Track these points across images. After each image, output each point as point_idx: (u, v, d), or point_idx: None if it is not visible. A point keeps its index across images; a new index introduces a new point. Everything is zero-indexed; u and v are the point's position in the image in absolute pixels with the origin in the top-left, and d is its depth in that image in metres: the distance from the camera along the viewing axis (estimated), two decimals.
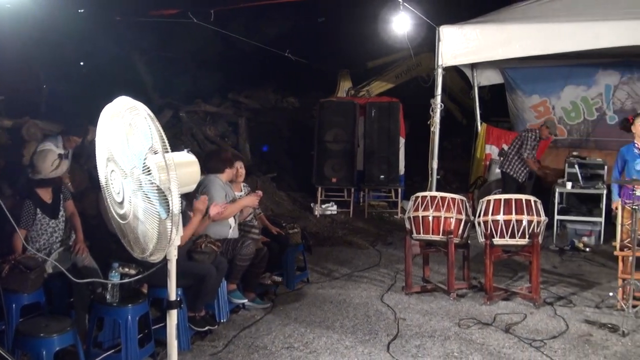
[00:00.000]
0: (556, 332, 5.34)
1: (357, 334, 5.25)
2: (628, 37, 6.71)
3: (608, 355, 4.88)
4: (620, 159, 6.47)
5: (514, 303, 6.14)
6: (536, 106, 11.21)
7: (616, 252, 6.02)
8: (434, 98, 7.23)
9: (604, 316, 5.79)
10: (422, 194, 6.45)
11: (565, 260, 8.08)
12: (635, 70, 10.52)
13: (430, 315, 5.74)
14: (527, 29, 7.04)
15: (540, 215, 6.09)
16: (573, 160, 9.43)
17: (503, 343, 5.07)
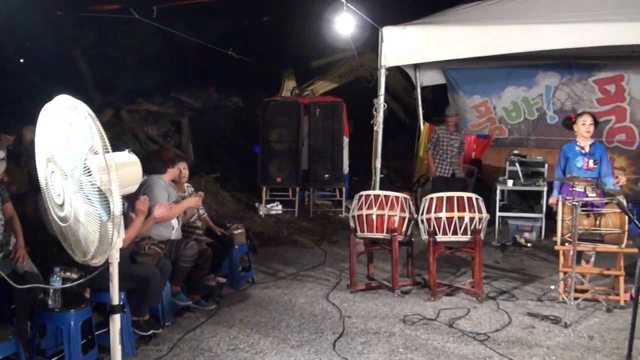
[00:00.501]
0: (499, 326, 5.47)
1: (303, 333, 5.26)
2: (567, 39, 6.91)
3: (551, 346, 5.02)
4: (562, 156, 6.64)
5: (458, 298, 6.26)
6: (477, 106, 11.43)
7: (557, 247, 6.19)
8: (377, 98, 7.28)
9: (546, 309, 5.96)
10: (366, 193, 6.51)
11: (507, 256, 8.28)
12: (574, 71, 10.84)
13: (375, 312, 5.80)
14: (469, 30, 7.16)
15: (482, 212, 6.23)
16: (514, 159, 9.65)
17: (447, 338, 5.16)
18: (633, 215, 4.31)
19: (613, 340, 5.17)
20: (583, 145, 6.52)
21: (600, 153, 6.51)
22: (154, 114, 12.19)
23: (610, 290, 6.39)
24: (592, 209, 6.20)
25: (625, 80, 10.74)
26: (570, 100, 11.01)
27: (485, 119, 11.44)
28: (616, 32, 6.75)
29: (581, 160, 6.44)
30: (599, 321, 5.63)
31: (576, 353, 4.89)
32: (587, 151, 6.47)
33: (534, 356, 4.81)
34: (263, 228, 9.53)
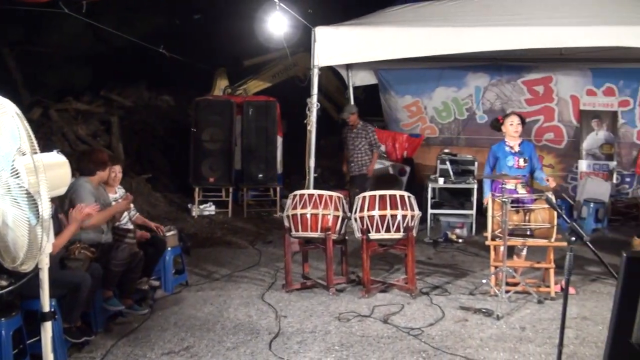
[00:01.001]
0: (433, 320, 5.57)
1: (239, 334, 5.22)
2: (497, 42, 7.12)
3: (484, 338, 5.15)
4: (492, 156, 6.80)
5: (392, 294, 6.34)
6: (409, 106, 11.63)
7: (488, 242, 6.37)
8: (310, 97, 7.31)
9: (478, 302, 6.10)
10: (300, 192, 6.53)
11: (440, 252, 8.43)
12: (503, 73, 11.22)
13: (310, 311, 5.81)
14: (400, 32, 7.26)
15: (414, 210, 6.32)
16: (445, 157, 9.85)
17: (382, 333, 5.22)
18: (561, 211, 4.46)
19: (545, 330, 5.36)
20: (512, 144, 6.69)
21: (530, 151, 6.71)
22: (84, 113, 11.85)
23: (541, 282, 6.63)
24: (522, 205, 6.39)
25: (554, 81, 11.18)
26: (500, 101, 11.36)
27: (416, 118, 11.64)
28: (545, 36, 7.00)
29: (512, 160, 6.61)
30: (531, 312, 5.82)
31: (509, 344, 5.03)
32: (517, 150, 6.65)
33: (468, 348, 4.92)
34: (196, 229, 9.41)
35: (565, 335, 4.59)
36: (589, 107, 11.21)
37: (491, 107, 11.42)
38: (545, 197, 4.73)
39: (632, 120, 11.20)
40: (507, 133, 6.71)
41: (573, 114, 11.32)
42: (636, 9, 7.41)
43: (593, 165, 11.12)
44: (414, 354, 4.79)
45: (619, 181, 11.24)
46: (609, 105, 11.17)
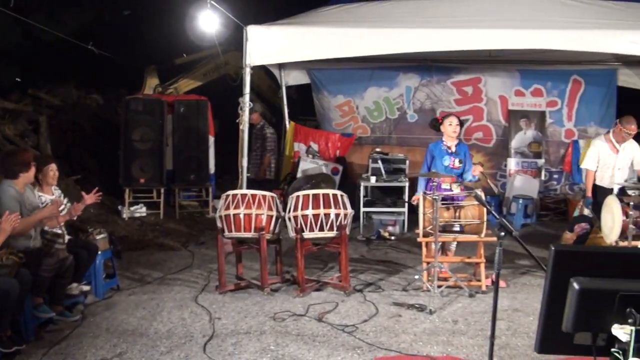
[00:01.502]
0: (367, 316, 5.61)
1: (173, 338, 5.12)
2: (426, 43, 7.23)
3: (417, 333, 5.22)
4: (429, 155, 6.88)
5: (326, 293, 6.35)
6: (341, 106, 11.70)
7: (420, 239, 6.47)
8: (243, 96, 7.26)
9: (411, 298, 6.19)
10: (233, 192, 6.46)
11: (373, 249, 8.51)
12: (433, 73, 11.47)
13: (245, 312, 5.75)
14: (332, 32, 7.28)
15: (346, 208, 6.36)
16: (376, 156, 9.96)
17: (317, 332, 5.21)
18: (490, 207, 4.56)
19: (477, 322, 5.49)
20: (449, 144, 6.80)
21: (465, 152, 6.84)
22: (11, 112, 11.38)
23: (472, 277, 6.79)
24: (452, 202, 6.52)
25: (482, 82, 11.51)
26: (430, 101, 11.59)
27: (348, 118, 11.72)
28: (474, 38, 7.17)
29: (448, 159, 6.72)
30: (462, 306, 5.95)
31: (442, 337, 5.12)
32: (453, 150, 6.76)
33: (402, 343, 4.97)
34: (127, 232, 9.17)
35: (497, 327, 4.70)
36: (517, 107, 11.60)
37: (421, 107, 11.63)
38: (474, 194, 4.83)
39: (559, 120, 11.67)
40: (446, 133, 6.81)
41: (501, 113, 11.67)
42: (563, 13, 7.68)
43: (522, 163, 11.48)
44: (349, 351, 4.80)
45: (547, 178, 11.67)
46: (537, 106, 11.59)
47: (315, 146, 11.24)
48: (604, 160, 7.37)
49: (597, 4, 7.97)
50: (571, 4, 7.92)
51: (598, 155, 7.39)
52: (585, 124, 11.61)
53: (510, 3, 7.92)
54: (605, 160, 7.36)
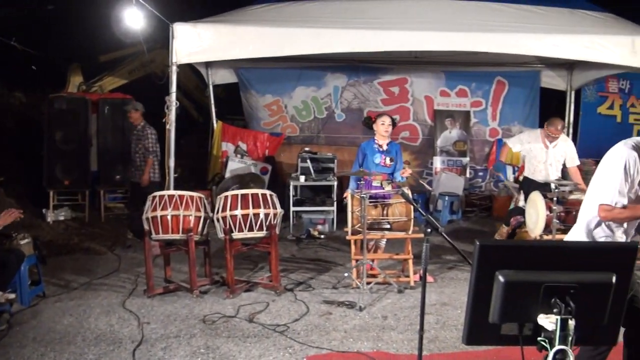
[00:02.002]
0: (298, 315, 5.61)
1: (101, 345, 4.97)
2: (354, 44, 7.29)
3: (348, 330, 5.26)
4: (360, 152, 6.95)
5: (257, 293, 6.31)
6: (269, 105, 11.67)
7: (348, 237, 6.53)
8: (169, 95, 7.14)
9: (341, 295, 6.24)
10: (160, 193, 6.33)
11: (303, 248, 8.52)
12: (361, 73, 11.62)
13: (174, 315, 5.65)
14: (260, 31, 7.25)
15: (276, 208, 6.34)
16: (305, 155, 10.00)
17: (248, 332, 5.18)
18: (417, 204, 4.64)
19: (406, 317, 5.58)
20: (381, 143, 6.89)
21: (396, 151, 6.95)
22: None
23: (401, 273, 6.90)
24: (380, 200, 6.60)
25: (409, 83, 11.75)
26: (357, 100, 11.72)
27: (277, 117, 11.71)
28: (400, 39, 7.30)
29: (379, 157, 6.81)
30: (392, 302, 6.03)
31: (372, 333, 5.18)
32: (385, 149, 6.86)
33: (333, 340, 5.00)
34: (52, 236, 8.85)
35: (426, 321, 4.79)
36: (443, 107, 11.89)
37: (349, 107, 11.75)
38: (401, 192, 4.91)
39: (484, 119, 12.05)
40: (378, 132, 6.90)
41: (427, 113, 11.93)
42: (488, 16, 7.91)
43: (447, 162, 11.77)
44: (281, 350, 4.80)
45: (472, 176, 12.00)
46: (461, 106, 11.93)
47: (244, 146, 11.16)
48: (534, 152, 7.66)
49: (521, 9, 8.27)
50: (496, 8, 8.17)
51: (528, 141, 7.71)
52: (509, 124, 12.01)
53: (436, 6, 8.10)
54: (535, 152, 7.65)
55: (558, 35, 7.56)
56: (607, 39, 7.64)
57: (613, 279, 2.10)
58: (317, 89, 11.69)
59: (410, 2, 8.15)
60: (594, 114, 12.32)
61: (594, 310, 2.12)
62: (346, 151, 11.00)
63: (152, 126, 8.65)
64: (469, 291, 2.12)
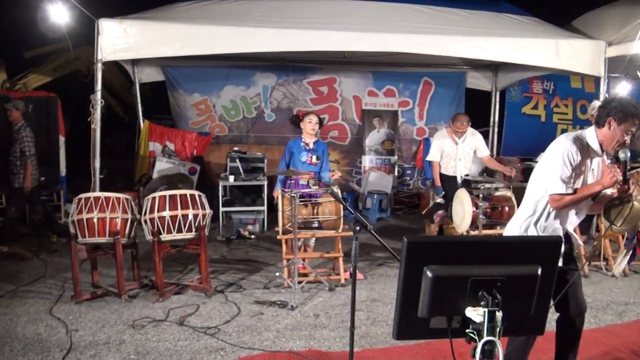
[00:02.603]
0: (229, 317, 5.56)
1: (29, 355, 4.77)
2: (282, 43, 7.29)
3: (280, 329, 5.26)
4: (287, 151, 6.98)
5: (187, 296, 6.23)
6: (197, 104, 11.53)
7: (279, 236, 6.53)
8: (94, 94, 6.96)
9: (273, 295, 6.23)
10: (86, 195, 6.15)
11: (233, 249, 8.46)
12: (290, 73, 11.65)
13: (103, 321, 5.49)
14: (187, 29, 7.17)
15: (205, 209, 6.26)
16: (234, 155, 9.93)
17: (179, 336, 5.10)
18: (346, 203, 4.67)
19: (337, 315, 5.63)
20: (308, 142, 6.94)
21: (323, 149, 7.01)
22: None
23: (331, 271, 6.96)
24: (310, 199, 6.63)
25: (337, 82, 11.86)
26: (287, 100, 11.74)
27: (205, 116, 11.58)
28: (329, 39, 7.35)
29: (305, 156, 6.85)
30: (323, 300, 6.08)
31: (304, 332, 5.20)
32: (311, 147, 6.92)
33: (265, 341, 4.98)
34: None
35: (357, 318, 4.85)
36: (371, 107, 12.05)
37: (278, 106, 11.75)
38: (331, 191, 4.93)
39: (411, 118, 12.30)
40: (305, 130, 6.94)
41: (356, 113, 12.04)
42: (415, 19, 8.07)
43: (376, 160, 11.93)
44: (212, 353, 4.75)
45: (400, 174, 12.22)
46: (389, 105, 12.13)
47: (172, 146, 10.98)
48: (447, 152, 7.93)
49: (448, 12, 8.49)
50: (423, 11, 8.36)
51: (442, 147, 7.91)
52: (435, 123, 12.27)
53: (364, 7, 8.21)
54: (447, 152, 7.92)
55: (483, 37, 7.80)
56: (531, 42, 7.93)
57: (538, 271, 2.17)
58: (246, 89, 11.63)
59: (339, 2, 8.23)
60: (519, 114, 12.77)
61: (520, 301, 2.18)
62: (276, 150, 10.98)
63: (28, 127, 8.25)
64: (398, 287, 2.16)
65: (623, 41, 8.03)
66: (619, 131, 3.56)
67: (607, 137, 3.62)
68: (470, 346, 2.15)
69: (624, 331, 5.35)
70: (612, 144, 3.61)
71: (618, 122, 3.56)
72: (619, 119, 3.55)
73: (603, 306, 6.17)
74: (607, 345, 5.05)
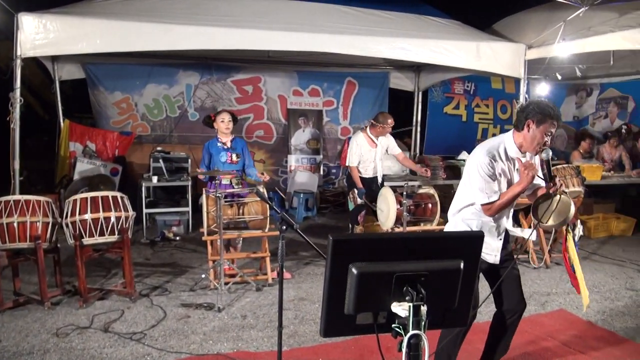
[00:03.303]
0: (155, 321, 5.48)
1: None
2: (205, 41, 7.21)
3: (207, 332, 5.22)
4: (205, 152, 6.91)
5: (111, 301, 6.09)
6: (119, 103, 11.26)
7: (204, 238, 6.46)
8: (13, 92, 6.71)
9: (199, 297, 6.17)
10: (5, 199, 5.92)
11: (157, 251, 8.33)
12: (214, 72, 11.54)
13: (26, 330, 5.30)
14: (109, 24, 6.97)
15: (128, 211, 6.14)
16: (158, 155, 9.76)
17: (104, 343, 4.98)
18: (272, 203, 4.68)
19: (265, 315, 5.64)
20: (224, 141, 6.88)
21: (242, 147, 6.97)
22: None
23: (258, 271, 6.94)
24: (235, 199, 6.61)
25: (262, 82, 11.85)
26: (210, 99, 11.63)
27: (127, 115, 11.32)
28: (253, 38, 7.31)
29: (225, 155, 6.80)
30: (250, 300, 6.07)
31: (232, 333, 5.18)
32: (229, 146, 6.86)
33: (192, 344, 4.94)
34: None
35: (285, 317, 4.87)
36: (296, 106, 12.09)
37: (202, 105, 11.62)
38: (256, 191, 4.94)
39: (336, 118, 12.44)
40: (219, 129, 6.89)
41: (281, 112, 12.06)
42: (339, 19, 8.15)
43: (301, 159, 11.99)
44: (139, 359, 4.67)
45: (326, 173, 12.33)
46: (314, 105, 12.20)
47: (93, 146, 10.68)
48: (366, 156, 7.93)
49: (371, 13, 8.61)
50: (346, 12, 8.44)
51: (360, 152, 7.91)
52: (359, 122, 12.44)
53: (288, 7, 8.23)
54: (366, 156, 7.93)
55: (406, 39, 7.95)
56: (452, 44, 8.14)
57: (461, 265, 2.24)
58: (168, 87, 11.44)
59: (263, 1, 8.21)
60: (441, 114, 13.13)
61: (444, 295, 2.24)
62: (200, 150, 10.77)
63: None
64: (325, 285, 2.18)
65: (542, 44, 8.36)
66: (538, 133, 3.72)
67: (526, 139, 3.78)
68: (396, 340, 2.20)
69: (547, 320, 5.58)
70: (533, 145, 3.77)
71: (537, 124, 3.72)
72: (537, 121, 3.71)
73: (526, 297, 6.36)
74: (531, 334, 5.30)
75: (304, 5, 8.36)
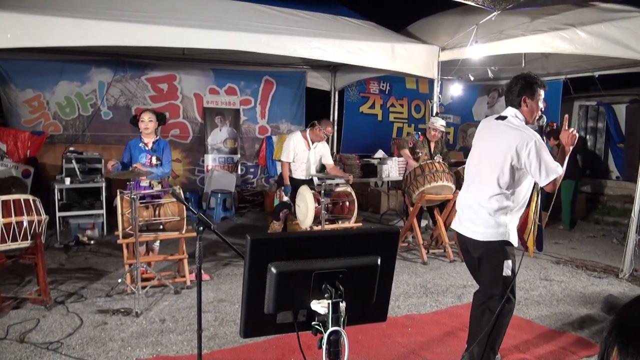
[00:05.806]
0: (71, 329, 5.29)
1: None
2: (117, 37, 7.04)
3: (125, 338, 5.09)
4: (127, 150, 6.71)
5: (26, 310, 5.83)
6: (30, 101, 10.86)
7: (120, 241, 6.31)
8: None
9: (116, 303, 6.01)
10: None
11: (72, 256, 8.07)
12: (127, 69, 11.29)
13: None
14: (18, 18, 6.70)
15: (40, 214, 5.92)
16: (70, 156, 9.46)
17: (20, 354, 4.75)
18: (189, 203, 4.63)
19: (184, 318, 5.55)
20: (147, 142, 6.71)
21: (163, 148, 6.80)
22: None
23: (176, 273, 6.86)
24: (152, 201, 6.48)
25: (178, 80, 11.71)
26: (124, 97, 11.39)
27: (39, 114, 10.94)
28: (167, 35, 7.21)
29: (145, 157, 6.62)
30: (169, 304, 5.97)
31: (150, 338, 5.07)
32: (150, 147, 6.69)
33: (110, 351, 4.81)
34: None
35: (204, 319, 4.82)
36: (212, 105, 12.02)
37: (116, 104, 11.36)
38: (172, 191, 4.88)
39: (253, 117, 12.45)
40: (141, 130, 6.71)
41: (197, 111, 11.94)
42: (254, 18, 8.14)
43: (218, 159, 11.93)
44: None
45: (244, 172, 12.31)
46: (231, 104, 12.15)
47: (4, 146, 10.23)
48: (299, 155, 7.96)
49: (288, 12, 8.66)
50: (264, 10, 8.46)
51: (295, 150, 7.93)
52: (277, 121, 12.49)
53: (205, 4, 8.18)
54: (300, 155, 7.95)
55: (322, 39, 8.04)
56: (368, 45, 8.28)
57: (378, 261, 2.28)
58: (81, 84, 11.11)
59: None
60: (357, 113, 13.35)
61: (362, 291, 2.28)
62: (114, 150, 10.59)
63: None
64: (244, 285, 2.18)
65: (455, 46, 8.62)
66: (534, 104, 4.07)
67: (527, 113, 4.09)
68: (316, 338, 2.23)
69: (463, 312, 5.74)
70: (533, 116, 4.10)
71: (532, 97, 4.03)
72: (530, 94, 4.03)
73: (443, 290, 6.63)
74: (448, 325, 5.49)
75: (219, 3, 8.33)
